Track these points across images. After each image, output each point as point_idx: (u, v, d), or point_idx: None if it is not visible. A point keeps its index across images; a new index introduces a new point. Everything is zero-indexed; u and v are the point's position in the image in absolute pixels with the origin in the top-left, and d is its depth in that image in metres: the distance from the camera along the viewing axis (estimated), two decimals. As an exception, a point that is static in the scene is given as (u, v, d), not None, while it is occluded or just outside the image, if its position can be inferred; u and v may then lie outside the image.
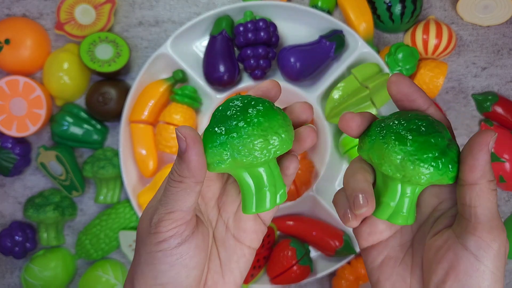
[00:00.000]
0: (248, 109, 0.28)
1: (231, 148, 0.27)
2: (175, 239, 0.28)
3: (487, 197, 0.27)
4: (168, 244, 0.28)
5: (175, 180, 0.28)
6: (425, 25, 0.70)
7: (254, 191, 0.29)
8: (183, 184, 0.27)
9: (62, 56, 0.69)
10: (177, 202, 0.28)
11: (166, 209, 0.28)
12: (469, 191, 0.27)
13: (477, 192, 0.27)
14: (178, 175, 0.27)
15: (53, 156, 0.69)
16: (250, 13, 0.67)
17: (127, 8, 0.73)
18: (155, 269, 0.28)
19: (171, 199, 0.28)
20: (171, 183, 0.28)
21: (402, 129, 0.28)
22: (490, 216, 0.27)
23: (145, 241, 0.28)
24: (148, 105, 0.68)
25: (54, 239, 0.71)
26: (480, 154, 0.26)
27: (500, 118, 0.72)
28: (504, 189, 0.73)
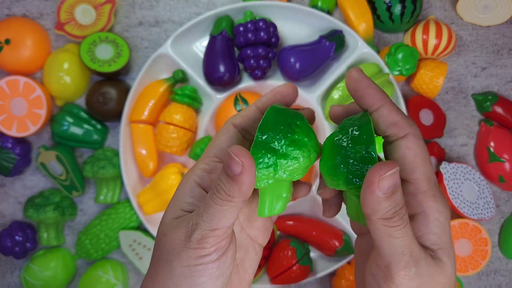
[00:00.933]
0: (292, 126, 0.29)
1: (280, 168, 0.28)
2: (217, 254, 0.28)
3: (384, 232, 0.25)
4: (210, 258, 0.28)
5: (223, 199, 0.27)
6: (425, 25, 0.70)
7: (274, 197, 0.30)
8: (232, 203, 0.27)
9: (62, 56, 0.69)
10: (222, 219, 0.27)
11: (210, 225, 0.27)
12: (367, 223, 0.26)
13: (373, 227, 0.26)
14: (227, 194, 0.27)
15: (53, 156, 0.69)
16: (250, 13, 0.67)
17: (127, 8, 0.73)
18: (193, 282, 0.28)
19: (216, 216, 0.27)
20: (217, 201, 0.27)
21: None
22: (391, 252, 0.25)
23: (181, 254, 0.28)
24: (148, 105, 0.68)
25: (54, 239, 0.71)
26: (366, 194, 0.25)
27: (500, 118, 0.72)
28: (504, 189, 0.73)
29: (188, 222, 0.28)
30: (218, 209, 0.27)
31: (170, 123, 0.68)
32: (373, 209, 0.25)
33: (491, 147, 0.71)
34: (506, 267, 0.74)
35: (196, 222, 0.27)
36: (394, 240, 0.25)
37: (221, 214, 0.27)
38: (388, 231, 0.25)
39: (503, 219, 0.74)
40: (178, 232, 0.28)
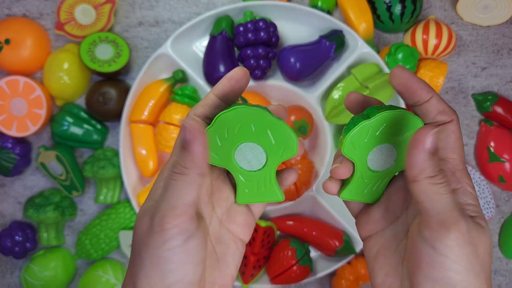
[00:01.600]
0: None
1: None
2: (181, 236, 0.27)
3: (432, 191, 0.27)
4: (175, 242, 0.27)
5: (178, 173, 0.28)
6: (425, 25, 0.70)
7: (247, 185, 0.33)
8: (187, 177, 0.27)
9: (62, 56, 0.69)
10: (180, 196, 0.27)
11: (168, 204, 0.27)
12: (413, 188, 0.28)
13: (420, 188, 0.27)
14: (181, 166, 0.27)
15: (53, 156, 0.69)
16: (250, 13, 0.67)
17: (127, 8, 0.73)
18: (162, 269, 0.28)
19: (174, 194, 0.27)
20: (173, 176, 0.28)
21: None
22: (440, 209, 0.27)
23: (148, 242, 0.28)
24: (148, 105, 0.68)
25: (54, 239, 0.71)
26: (415, 152, 0.27)
27: (500, 118, 0.72)
28: (504, 189, 0.73)
29: (151, 209, 0.29)
30: (174, 185, 0.27)
31: (170, 123, 0.68)
32: (420, 169, 0.27)
33: (491, 147, 0.71)
34: (506, 267, 0.74)
35: (156, 205, 0.28)
36: (442, 197, 0.27)
37: (178, 191, 0.27)
38: (436, 189, 0.27)
39: (503, 219, 0.74)
40: (144, 219, 0.29)
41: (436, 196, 0.27)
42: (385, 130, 0.31)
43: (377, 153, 0.32)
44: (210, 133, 0.30)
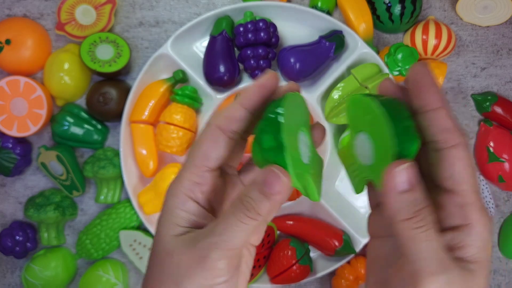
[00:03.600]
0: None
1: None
2: (230, 273, 0.27)
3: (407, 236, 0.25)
4: (224, 278, 0.27)
5: (251, 218, 0.25)
6: (425, 25, 0.70)
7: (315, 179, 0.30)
8: (257, 222, 0.26)
9: (63, 56, 0.69)
10: (243, 238, 0.26)
11: (231, 245, 0.26)
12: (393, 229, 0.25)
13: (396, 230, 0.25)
14: (257, 213, 0.25)
15: (54, 156, 0.69)
16: (250, 14, 0.67)
17: (128, 8, 0.73)
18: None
19: (238, 235, 0.26)
20: (244, 219, 0.26)
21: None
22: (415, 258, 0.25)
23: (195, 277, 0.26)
24: (149, 105, 0.68)
25: (54, 239, 0.71)
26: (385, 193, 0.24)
27: (500, 118, 0.72)
28: (504, 189, 0.73)
29: (201, 241, 0.26)
30: (241, 227, 0.26)
31: (170, 123, 0.68)
32: (394, 210, 0.24)
33: (491, 147, 0.71)
34: (505, 266, 0.74)
35: (214, 242, 0.26)
36: (419, 244, 0.24)
37: (243, 233, 0.26)
38: (412, 234, 0.24)
39: (503, 219, 0.74)
40: (189, 252, 0.27)
41: (412, 241, 0.24)
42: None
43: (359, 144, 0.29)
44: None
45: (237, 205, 0.26)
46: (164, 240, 0.28)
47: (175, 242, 0.27)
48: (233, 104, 0.29)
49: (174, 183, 0.29)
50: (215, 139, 0.29)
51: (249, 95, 0.29)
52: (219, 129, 0.29)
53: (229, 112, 0.29)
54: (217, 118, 0.29)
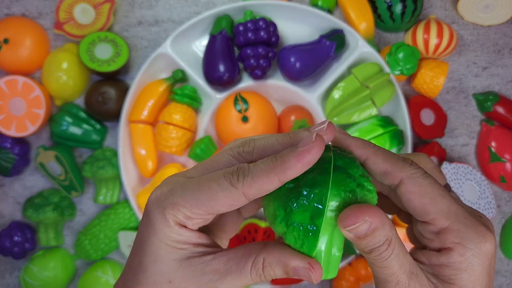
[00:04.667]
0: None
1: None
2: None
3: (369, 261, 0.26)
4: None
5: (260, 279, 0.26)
6: (426, 24, 0.70)
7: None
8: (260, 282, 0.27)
9: (61, 56, 0.69)
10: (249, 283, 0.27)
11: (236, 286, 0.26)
12: None
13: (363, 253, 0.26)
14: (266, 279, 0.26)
15: (52, 156, 0.69)
16: (250, 13, 0.67)
17: (127, 7, 0.73)
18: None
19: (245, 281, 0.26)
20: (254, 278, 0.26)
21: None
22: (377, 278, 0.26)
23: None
24: (148, 105, 0.68)
25: (53, 239, 0.71)
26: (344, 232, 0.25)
27: (501, 118, 0.72)
28: (505, 189, 0.73)
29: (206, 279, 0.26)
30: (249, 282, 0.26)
31: (170, 123, 0.67)
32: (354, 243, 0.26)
33: (492, 147, 0.71)
34: (507, 267, 0.74)
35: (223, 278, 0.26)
36: (377, 269, 0.26)
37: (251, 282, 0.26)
38: (371, 261, 0.26)
39: (504, 220, 0.74)
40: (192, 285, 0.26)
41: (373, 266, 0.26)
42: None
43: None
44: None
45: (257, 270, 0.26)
46: (163, 264, 0.26)
47: (178, 269, 0.26)
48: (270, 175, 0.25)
49: (164, 207, 0.26)
50: (233, 202, 0.26)
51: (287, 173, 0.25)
52: (243, 195, 0.26)
53: (261, 184, 0.25)
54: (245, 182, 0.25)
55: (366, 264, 0.69)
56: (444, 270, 0.26)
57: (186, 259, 0.26)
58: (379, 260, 0.25)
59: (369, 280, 0.69)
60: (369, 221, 0.24)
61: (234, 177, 0.25)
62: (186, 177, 0.27)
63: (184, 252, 0.26)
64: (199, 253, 0.27)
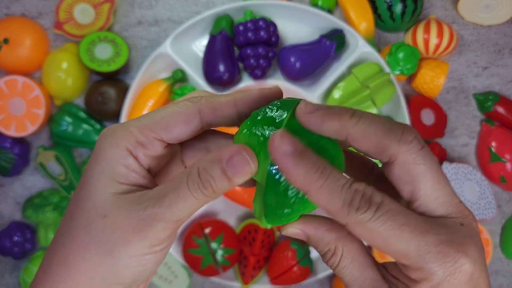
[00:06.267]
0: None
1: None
2: (171, 241, 0.25)
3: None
4: (162, 246, 0.25)
5: (206, 195, 0.23)
6: (426, 24, 0.69)
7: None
8: (211, 198, 0.24)
9: (61, 56, 0.69)
10: (191, 211, 0.24)
11: (177, 216, 0.23)
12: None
13: None
14: (213, 191, 0.24)
15: (52, 156, 0.69)
16: (250, 12, 0.67)
17: (127, 7, 0.73)
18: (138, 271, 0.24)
19: (187, 209, 0.24)
20: (198, 195, 0.23)
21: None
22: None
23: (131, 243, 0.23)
24: (148, 105, 0.68)
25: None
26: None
27: (502, 118, 0.72)
28: (506, 189, 0.73)
29: (144, 207, 0.23)
30: (193, 202, 0.23)
31: (170, 123, 0.67)
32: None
33: (493, 147, 0.71)
34: (507, 267, 0.74)
35: (161, 212, 0.23)
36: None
37: (193, 208, 0.24)
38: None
39: (505, 220, 0.74)
40: (130, 217, 0.23)
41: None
42: None
43: None
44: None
45: (193, 178, 0.23)
46: (98, 198, 0.24)
47: (113, 202, 0.24)
48: (226, 98, 0.26)
49: (114, 131, 0.25)
50: (188, 120, 0.25)
51: (248, 98, 0.26)
52: (198, 112, 0.25)
53: (219, 103, 0.26)
54: (202, 102, 0.26)
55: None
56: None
57: (123, 193, 0.24)
58: (330, 267, 0.24)
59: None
60: (302, 230, 0.24)
61: (193, 97, 0.26)
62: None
63: (122, 187, 0.24)
64: (138, 190, 0.25)
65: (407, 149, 0.22)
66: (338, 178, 0.22)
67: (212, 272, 0.68)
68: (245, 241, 0.69)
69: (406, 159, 0.22)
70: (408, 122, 0.68)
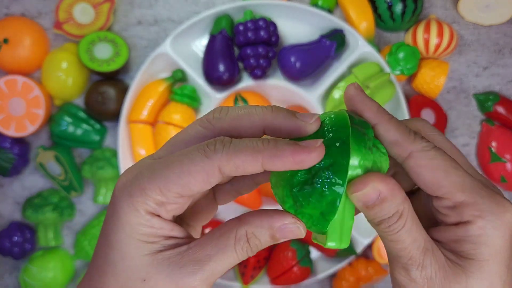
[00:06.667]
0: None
1: None
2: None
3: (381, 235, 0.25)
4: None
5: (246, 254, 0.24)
6: (426, 24, 0.69)
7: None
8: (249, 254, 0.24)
9: (61, 56, 0.69)
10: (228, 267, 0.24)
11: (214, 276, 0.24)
12: None
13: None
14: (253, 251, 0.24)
15: (52, 156, 0.68)
16: (250, 12, 0.66)
17: (126, 7, 0.73)
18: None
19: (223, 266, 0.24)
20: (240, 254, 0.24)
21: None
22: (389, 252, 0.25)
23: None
24: (147, 105, 0.68)
25: (52, 239, 0.71)
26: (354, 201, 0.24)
27: (502, 118, 0.72)
28: (506, 189, 0.73)
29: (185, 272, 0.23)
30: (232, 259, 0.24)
31: (169, 123, 0.67)
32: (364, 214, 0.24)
33: (493, 147, 0.71)
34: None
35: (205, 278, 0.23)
36: (389, 244, 0.25)
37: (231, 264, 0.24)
38: (382, 235, 0.25)
39: (505, 220, 0.74)
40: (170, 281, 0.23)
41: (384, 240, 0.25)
42: None
43: None
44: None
45: (242, 244, 0.24)
46: (133, 261, 0.23)
47: (150, 264, 0.23)
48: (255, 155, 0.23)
49: (130, 194, 0.23)
50: (207, 179, 0.23)
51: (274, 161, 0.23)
52: (218, 169, 0.23)
53: (242, 161, 0.23)
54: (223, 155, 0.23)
55: (366, 264, 0.69)
56: (463, 245, 0.24)
57: (158, 252, 0.23)
58: (389, 233, 0.24)
59: (369, 280, 0.69)
60: (379, 189, 0.23)
61: (210, 148, 0.23)
62: (154, 159, 0.24)
63: (155, 246, 0.24)
64: (172, 246, 0.24)
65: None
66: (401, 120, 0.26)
67: (212, 272, 0.68)
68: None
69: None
70: (408, 122, 0.68)
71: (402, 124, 0.25)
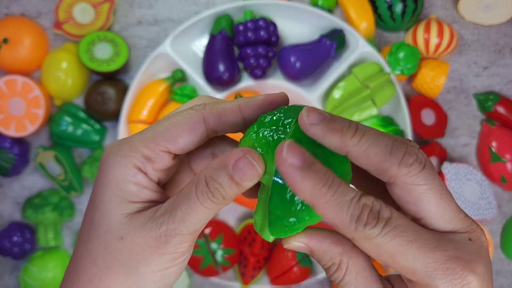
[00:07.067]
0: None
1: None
2: (190, 252, 0.25)
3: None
4: (183, 258, 0.25)
5: (216, 203, 0.23)
6: (426, 24, 0.69)
7: None
8: (222, 206, 0.24)
9: (61, 56, 0.69)
10: (205, 221, 0.24)
11: (192, 229, 0.24)
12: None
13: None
14: (223, 198, 0.23)
15: (52, 156, 0.68)
16: (250, 12, 0.66)
17: (126, 7, 0.73)
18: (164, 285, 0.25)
19: (200, 219, 0.24)
20: (208, 204, 0.23)
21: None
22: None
23: (152, 261, 0.24)
24: (147, 104, 0.68)
25: (52, 239, 0.71)
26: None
27: (502, 118, 0.72)
28: (506, 189, 0.73)
29: (158, 225, 0.24)
30: (205, 212, 0.23)
31: (170, 123, 0.67)
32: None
33: (493, 147, 0.71)
34: (508, 268, 0.74)
35: (174, 228, 0.23)
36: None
37: (206, 217, 0.24)
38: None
39: (505, 220, 0.74)
40: (145, 235, 0.24)
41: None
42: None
43: None
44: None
45: (201, 188, 0.23)
46: (113, 220, 0.24)
47: (128, 224, 0.24)
48: (231, 104, 0.26)
49: (120, 149, 0.25)
50: (193, 128, 0.25)
51: (253, 103, 0.26)
52: (203, 119, 0.25)
53: (223, 109, 0.25)
54: (206, 108, 0.26)
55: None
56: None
57: (136, 213, 0.24)
58: (335, 281, 0.24)
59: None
60: (308, 244, 0.24)
61: (195, 107, 0.25)
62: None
63: (135, 206, 0.24)
64: (150, 207, 0.25)
65: (407, 171, 0.22)
66: (346, 192, 0.21)
67: (212, 273, 0.68)
68: (245, 241, 0.69)
69: (406, 181, 0.22)
70: (408, 122, 0.68)
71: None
